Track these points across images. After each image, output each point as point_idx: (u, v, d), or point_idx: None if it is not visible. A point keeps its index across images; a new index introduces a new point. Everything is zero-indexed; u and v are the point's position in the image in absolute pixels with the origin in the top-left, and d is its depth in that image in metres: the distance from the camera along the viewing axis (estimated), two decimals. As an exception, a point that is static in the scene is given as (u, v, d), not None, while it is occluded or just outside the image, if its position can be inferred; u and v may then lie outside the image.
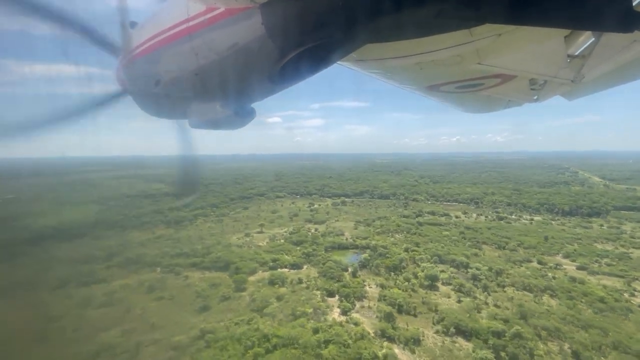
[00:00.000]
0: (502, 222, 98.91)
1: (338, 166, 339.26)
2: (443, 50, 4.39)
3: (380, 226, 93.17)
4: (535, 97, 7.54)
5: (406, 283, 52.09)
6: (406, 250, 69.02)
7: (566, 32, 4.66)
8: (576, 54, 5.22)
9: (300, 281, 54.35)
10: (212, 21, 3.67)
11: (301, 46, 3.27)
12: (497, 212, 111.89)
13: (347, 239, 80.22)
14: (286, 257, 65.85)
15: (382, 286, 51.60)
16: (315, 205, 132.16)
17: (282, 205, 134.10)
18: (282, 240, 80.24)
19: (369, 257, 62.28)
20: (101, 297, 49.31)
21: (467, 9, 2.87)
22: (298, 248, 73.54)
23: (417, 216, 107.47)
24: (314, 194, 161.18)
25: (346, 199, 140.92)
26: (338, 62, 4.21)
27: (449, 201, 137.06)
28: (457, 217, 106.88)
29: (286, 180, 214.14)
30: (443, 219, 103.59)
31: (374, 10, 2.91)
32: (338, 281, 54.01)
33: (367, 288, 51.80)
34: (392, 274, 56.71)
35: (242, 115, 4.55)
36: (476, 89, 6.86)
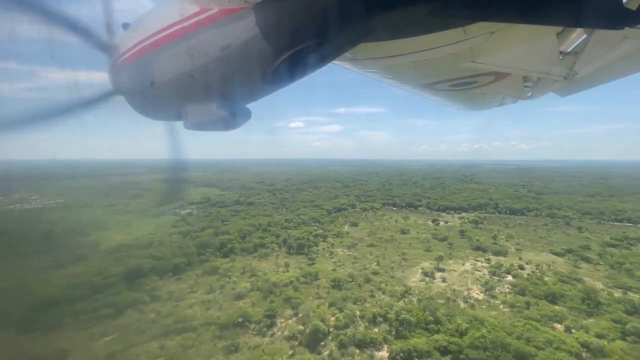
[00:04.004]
0: None
1: (383, 172, 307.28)
2: (437, 49, 4.37)
3: (606, 262, 61.85)
4: (529, 94, 7.45)
5: None
6: None
7: (558, 29, 4.59)
8: (568, 50, 5.18)
9: None
10: (206, 22, 3.50)
11: (295, 46, 3.21)
12: None
13: (621, 291, 49.39)
14: (606, 344, 35.92)
15: None
16: (442, 223, 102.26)
17: (396, 222, 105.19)
18: (508, 290, 50.63)
19: None
20: None
21: (460, 7, 2.84)
22: (562, 309, 43.88)
23: (629, 244, 75.47)
24: (418, 205, 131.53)
25: (478, 215, 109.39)
26: (333, 62, 4.17)
27: (619, 220, 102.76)
28: (691, 248, 73.56)
29: (361, 187, 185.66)
30: (681, 251, 70.53)
31: (368, 9, 2.85)
32: None
33: None
34: None
35: (237, 116, 4.21)
36: (470, 87, 6.78)
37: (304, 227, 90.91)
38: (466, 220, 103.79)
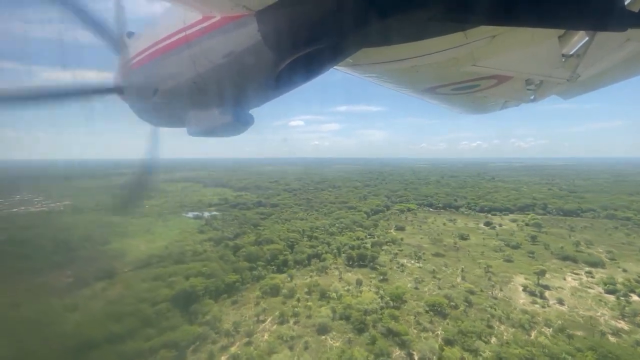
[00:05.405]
0: None
1: (393, 171, 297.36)
2: (438, 53, 4.33)
3: None
4: (531, 97, 7.38)
5: None
6: None
7: (560, 32, 4.53)
8: (571, 53, 5.04)
9: None
10: (208, 29, 3.52)
11: (297, 52, 3.21)
12: None
13: None
14: None
15: None
16: (498, 227, 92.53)
17: (444, 225, 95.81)
18: (653, 316, 40.95)
19: None
20: None
21: (461, 11, 2.82)
22: None
23: None
24: (458, 206, 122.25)
25: (536, 217, 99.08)
26: (334, 67, 4.14)
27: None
28: None
29: (385, 187, 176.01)
30: None
31: (369, 15, 2.85)
32: None
33: None
34: None
35: (240, 122, 4.21)
36: (472, 91, 6.70)
37: (349, 233, 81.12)
38: (522, 223, 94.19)
